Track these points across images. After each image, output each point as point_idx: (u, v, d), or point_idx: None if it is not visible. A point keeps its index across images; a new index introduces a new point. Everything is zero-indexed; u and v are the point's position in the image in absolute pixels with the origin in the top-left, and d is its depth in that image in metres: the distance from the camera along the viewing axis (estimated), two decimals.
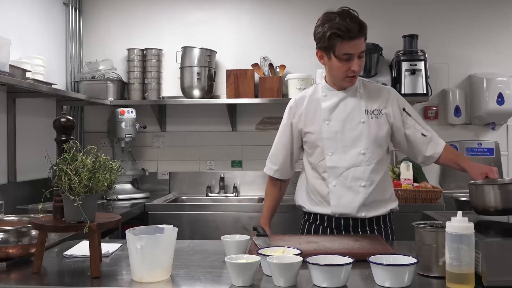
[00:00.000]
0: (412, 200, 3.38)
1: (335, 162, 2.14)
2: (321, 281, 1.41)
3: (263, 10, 4.09)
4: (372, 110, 2.17)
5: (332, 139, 2.15)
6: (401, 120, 2.19)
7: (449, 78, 4.06)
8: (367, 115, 2.16)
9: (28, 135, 3.34)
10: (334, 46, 2.05)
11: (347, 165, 2.13)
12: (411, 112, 2.22)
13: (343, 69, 2.09)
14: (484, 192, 1.71)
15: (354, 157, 2.13)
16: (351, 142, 2.14)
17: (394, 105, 2.20)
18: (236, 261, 1.45)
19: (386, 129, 2.18)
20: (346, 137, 2.15)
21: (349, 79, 2.13)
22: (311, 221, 2.26)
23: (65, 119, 1.65)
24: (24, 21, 3.38)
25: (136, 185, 4.00)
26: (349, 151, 2.14)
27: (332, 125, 2.16)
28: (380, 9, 4.04)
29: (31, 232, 1.71)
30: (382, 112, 2.18)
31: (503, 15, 4.04)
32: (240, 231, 3.35)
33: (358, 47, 2.05)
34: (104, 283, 1.51)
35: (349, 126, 2.15)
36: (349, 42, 2.03)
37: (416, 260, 1.44)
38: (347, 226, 2.17)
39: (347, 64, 2.07)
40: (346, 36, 2.02)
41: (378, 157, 2.17)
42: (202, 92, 3.88)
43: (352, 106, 2.18)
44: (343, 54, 2.05)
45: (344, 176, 2.14)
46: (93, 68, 3.95)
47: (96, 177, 1.55)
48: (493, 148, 3.98)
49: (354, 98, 2.19)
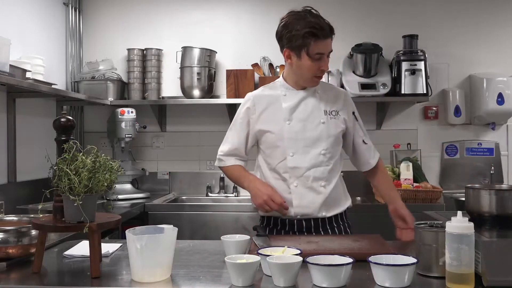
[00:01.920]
0: (412, 200, 3.38)
1: (297, 163, 2.13)
2: (321, 281, 1.41)
3: (263, 10, 4.09)
4: (330, 111, 2.19)
5: (293, 139, 2.14)
6: (352, 123, 2.24)
7: (449, 78, 4.06)
8: (326, 116, 2.17)
9: (28, 135, 3.34)
10: (308, 45, 2.05)
11: (308, 165, 2.13)
12: (358, 118, 2.27)
13: (314, 69, 2.09)
14: (480, 197, 1.70)
15: (315, 157, 2.13)
16: (311, 142, 2.14)
17: (349, 108, 2.24)
18: (236, 261, 1.45)
19: (342, 130, 2.20)
20: (306, 137, 2.14)
21: (316, 78, 2.14)
22: (271, 226, 2.22)
23: (65, 119, 1.65)
24: (24, 21, 3.38)
25: (136, 185, 4.00)
26: (309, 152, 2.14)
27: (293, 125, 2.15)
28: (380, 9, 4.04)
29: (31, 232, 1.71)
30: (339, 113, 2.20)
31: (503, 15, 4.04)
32: (240, 231, 3.36)
33: (329, 46, 2.08)
34: (104, 283, 1.51)
35: (310, 126, 2.15)
36: (323, 41, 2.05)
37: (416, 260, 1.44)
38: (309, 228, 2.16)
39: (317, 64, 2.08)
40: (321, 35, 2.03)
41: (335, 157, 2.18)
42: (202, 92, 3.88)
43: (312, 106, 2.18)
44: (315, 54, 2.05)
45: (305, 176, 2.13)
46: (93, 68, 3.95)
47: (96, 177, 1.55)
48: (493, 148, 3.98)
49: (314, 98, 2.19)
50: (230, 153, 2.25)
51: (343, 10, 4.04)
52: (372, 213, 3.28)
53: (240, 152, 2.24)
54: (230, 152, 2.25)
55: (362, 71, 3.75)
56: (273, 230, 2.21)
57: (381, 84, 3.72)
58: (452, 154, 4.01)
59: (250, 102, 2.22)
